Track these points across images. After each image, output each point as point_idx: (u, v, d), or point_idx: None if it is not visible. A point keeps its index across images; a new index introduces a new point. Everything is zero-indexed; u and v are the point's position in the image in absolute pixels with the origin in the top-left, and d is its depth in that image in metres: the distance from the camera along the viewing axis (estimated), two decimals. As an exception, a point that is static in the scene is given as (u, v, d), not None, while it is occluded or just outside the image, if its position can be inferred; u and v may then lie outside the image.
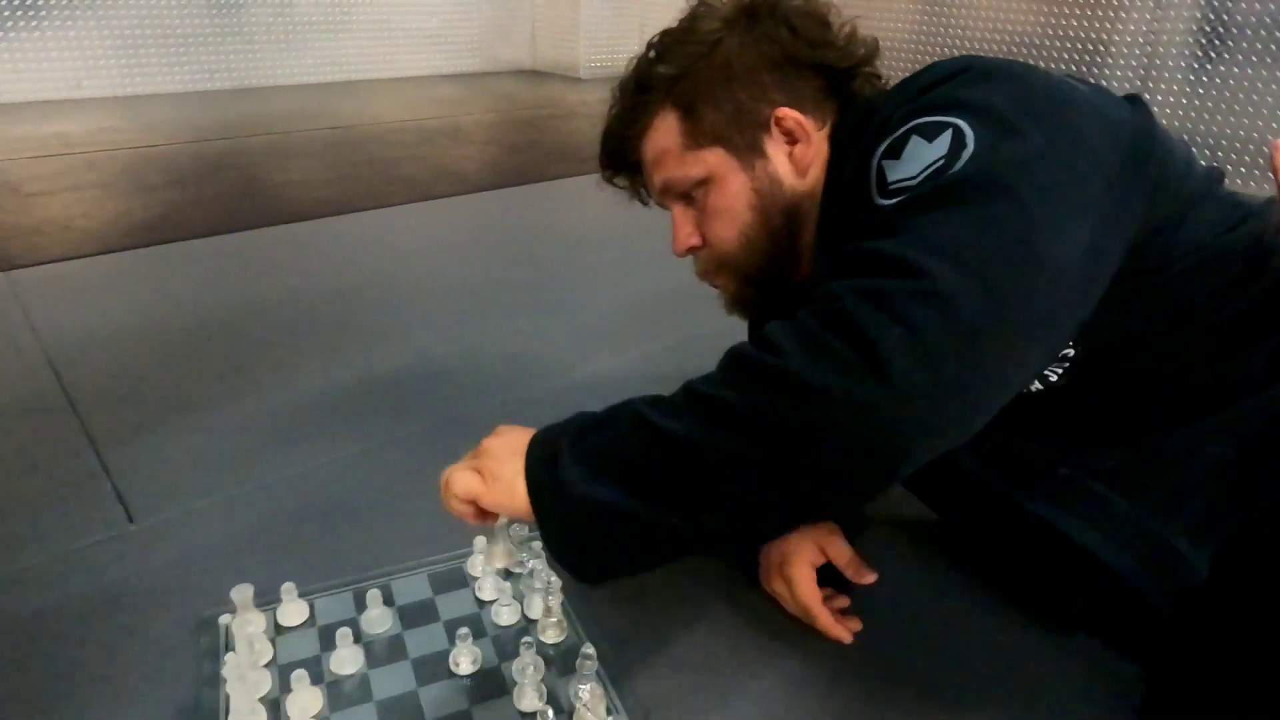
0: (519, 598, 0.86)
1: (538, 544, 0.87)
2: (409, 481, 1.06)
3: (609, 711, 0.73)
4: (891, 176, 0.63)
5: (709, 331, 1.33)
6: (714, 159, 0.79)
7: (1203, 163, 0.74)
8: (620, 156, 0.87)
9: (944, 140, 0.61)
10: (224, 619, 0.82)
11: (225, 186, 2.38)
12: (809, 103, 0.79)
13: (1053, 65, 2.98)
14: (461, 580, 0.89)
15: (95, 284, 1.69)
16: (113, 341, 1.44)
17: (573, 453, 0.61)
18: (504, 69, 4.59)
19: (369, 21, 4.05)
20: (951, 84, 0.67)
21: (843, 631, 0.82)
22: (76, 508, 1.01)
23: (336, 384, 1.32)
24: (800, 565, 0.83)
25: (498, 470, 0.65)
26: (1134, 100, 0.69)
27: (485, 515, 0.70)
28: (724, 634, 0.84)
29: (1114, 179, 0.61)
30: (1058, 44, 2.96)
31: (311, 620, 0.84)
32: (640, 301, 1.66)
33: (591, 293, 1.71)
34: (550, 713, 0.70)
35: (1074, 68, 2.92)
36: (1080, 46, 2.89)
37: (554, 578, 0.82)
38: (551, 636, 0.82)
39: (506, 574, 0.89)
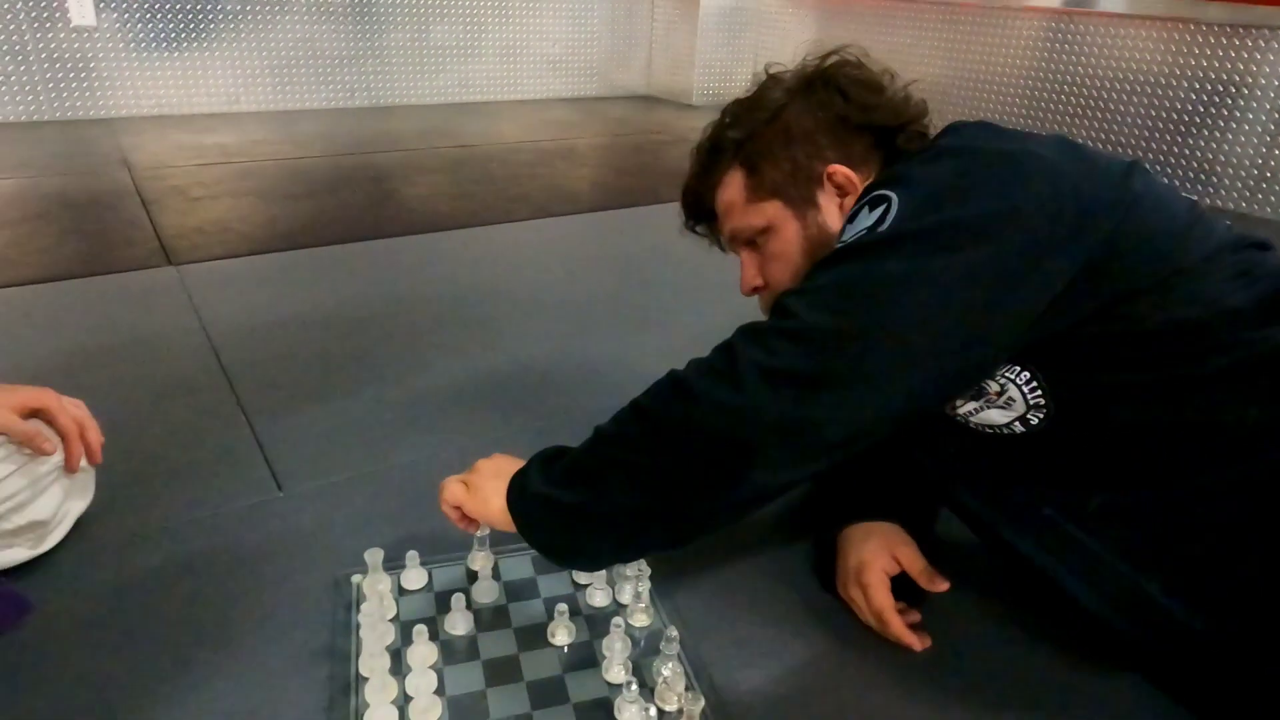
0: (611, 584, 0.95)
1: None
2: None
3: (687, 688, 0.80)
4: (841, 239, 0.75)
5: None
6: (772, 210, 0.90)
7: (1238, 232, 0.76)
8: (698, 208, 1.01)
9: (879, 211, 0.71)
10: (356, 578, 0.94)
11: (361, 197, 2.59)
12: (859, 158, 0.89)
13: (1179, 104, 2.90)
14: (561, 564, 0.99)
15: (251, 280, 1.89)
16: (266, 331, 1.62)
17: (539, 467, 0.81)
18: (620, 94, 4.76)
19: (497, 47, 4.30)
20: (913, 160, 0.77)
21: (913, 639, 0.87)
22: (232, 474, 1.16)
23: (456, 380, 1.45)
24: (875, 572, 0.89)
25: (480, 484, 0.84)
26: (1130, 169, 0.73)
27: (469, 521, 0.87)
28: (798, 634, 0.90)
29: (1043, 244, 0.67)
30: (1185, 84, 2.87)
31: (429, 586, 0.95)
32: (737, 320, 1.73)
33: (691, 310, 1.79)
34: (635, 685, 0.78)
35: (1203, 109, 2.83)
36: (1212, 87, 2.80)
37: (644, 567, 0.91)
38: (639, 620, 0.90)
39: (601, 561, 0.97)
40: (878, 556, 0.90)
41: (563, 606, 0.88)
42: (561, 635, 0.88)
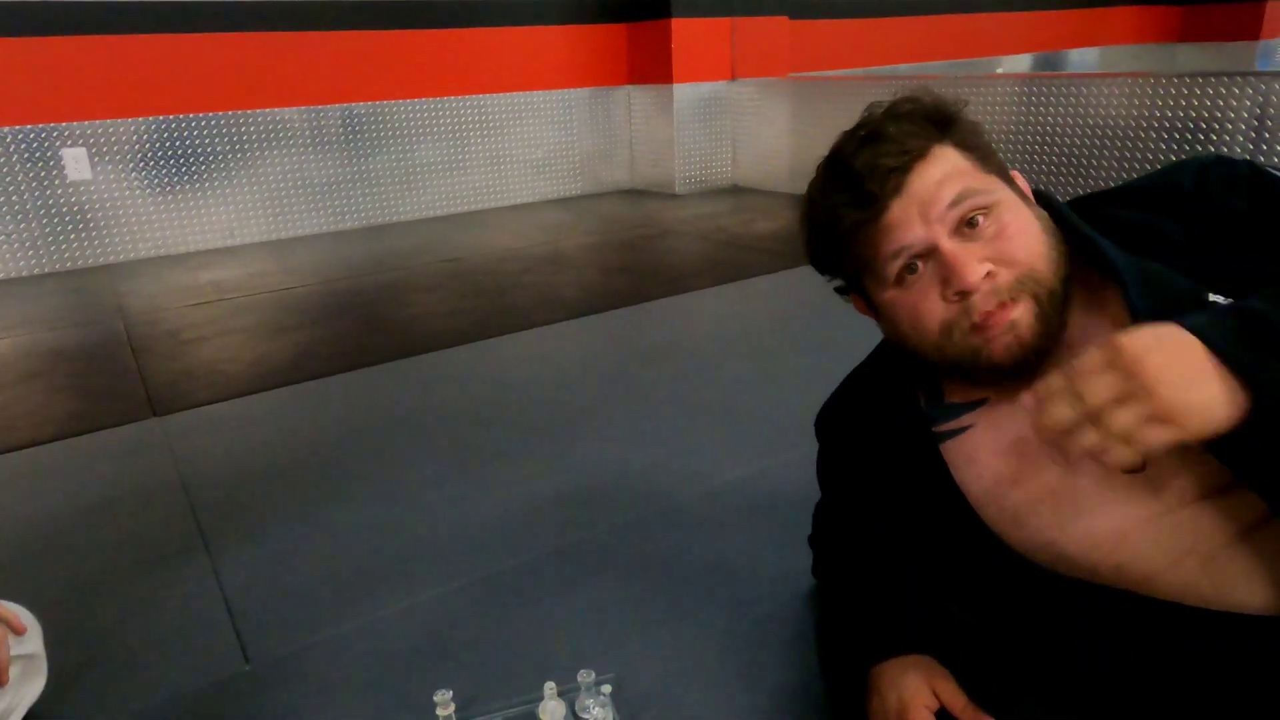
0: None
1: (604, 691, 0.91)
2: (500, 620, 1.12)
3: None
4: None
5: (798, 457, 1.35)
6: (1000, 188, 0.81)
7: None
8: (881, 183, 0.80)
9: None
10: (320, 761, 0.89)
11: (352, 323, 2.61)
12: None
13: (1150, 153, 2.92)
14: (535, 724, 0.94)
15: (234, 424, 1.88)
16: (245, 480, 1.60)
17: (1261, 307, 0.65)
18: (606, 189, 4.86)
19: (482, 157, 4.42)
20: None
21: None
22: (198, 647, 1.12)
23: (444, 516, 1.42)
24: (918, 710, 0.83)
25: (1180, 398, 0.61)
26: None
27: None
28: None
29: None
30: (1154, 133, 2.90)
31: (397, 764, 0.90)
32: (730, 427, 1.70)
33: (680, 417, 1.77)
34: None
35: (1174, 155, 2.84)
36: (1180, 135, 2.82)
37: (618, 727, 0.86)
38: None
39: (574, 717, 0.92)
40: (919, 693, 0.84)
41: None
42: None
